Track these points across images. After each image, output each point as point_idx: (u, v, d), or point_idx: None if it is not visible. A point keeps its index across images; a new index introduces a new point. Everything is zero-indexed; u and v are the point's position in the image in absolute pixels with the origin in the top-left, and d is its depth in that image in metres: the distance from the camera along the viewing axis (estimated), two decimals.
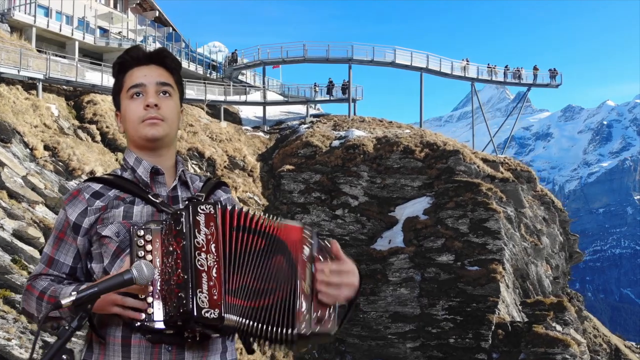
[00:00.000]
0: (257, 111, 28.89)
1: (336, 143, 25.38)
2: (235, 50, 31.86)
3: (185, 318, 1.34)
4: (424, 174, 23.52)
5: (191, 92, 25.11)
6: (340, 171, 24.52)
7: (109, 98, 20.40)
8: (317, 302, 1.42)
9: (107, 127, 19.50)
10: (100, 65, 21.64)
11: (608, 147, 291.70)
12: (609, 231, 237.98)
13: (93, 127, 19.32)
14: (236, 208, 1.48)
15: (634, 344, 38.87)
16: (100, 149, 19.05)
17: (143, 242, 1.43)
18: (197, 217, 1.40)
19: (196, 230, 1.39)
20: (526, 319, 17.87)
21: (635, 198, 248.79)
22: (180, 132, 21.58)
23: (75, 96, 20.77)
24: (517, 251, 22.62)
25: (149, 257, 1.42)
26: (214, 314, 1.34)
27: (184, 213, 1.41)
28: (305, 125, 27.37)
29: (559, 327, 16.91)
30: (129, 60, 1.64)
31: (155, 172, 1.61)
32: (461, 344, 19.90)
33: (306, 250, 1.44)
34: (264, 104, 27.73)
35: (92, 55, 25.58)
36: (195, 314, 1.33)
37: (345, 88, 27.90)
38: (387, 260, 21.96)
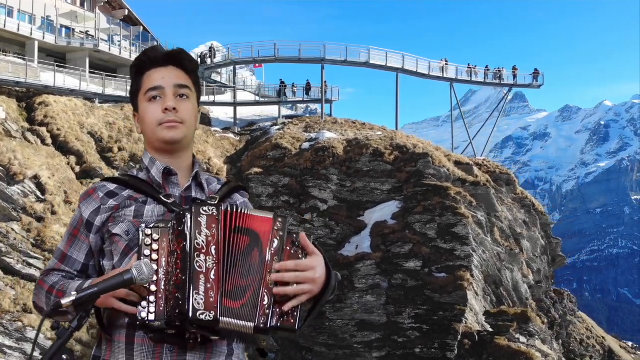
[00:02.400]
0: (230, 112, 28.17)
1: (306, 145, 24.67)
2: (212, 45, 31.08)
3: (181, 319, 1.34)
4: (394, 177, 22.82)
5: None
6: (310, 174, 23.82)
7: (63, 99, 19.62)
8: (280, 296, 1.41)
9: (58, 129, 18.80)
10: (53, 65, 20.89)
11: (605, 147, 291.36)
12: (606, 231, 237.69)
13: (43, 129, 18.62)
14: (243, 211, 1.46)
15: (631, 344, 38.40)
16: (49, 152, 18.35)
17: (150, 241, 1.43)
18: (199, 219, 1.40)
19: (197, 231, 1.39)
20: (490, 329, 17.17)
21: (633, 198, 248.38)
22: (138, 135, 20.89)
23: (29, 97, 20.07)
24: (488, 257, 21.91)
25: (155, 256, 1.42)
26: (209, 316, 1.34)
27: (186, 214, 1.41)
28: (277, 127, 26.66)
29: (523, 339, 16.21)
30: (146, 61, 1.63)
31: (168, 173, 1.62)
32: (427, 354, 19.21)
33: (275, 243, 1.43)
34: (234, 104, 26.97)
35: (56, 55, 24.90)
36: (190, 315, 1.33)
37: (308, 89, 27.11)
38: (353, 266, 21.27)
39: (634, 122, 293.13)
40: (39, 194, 16.63)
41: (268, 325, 1.38)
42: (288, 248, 1.44)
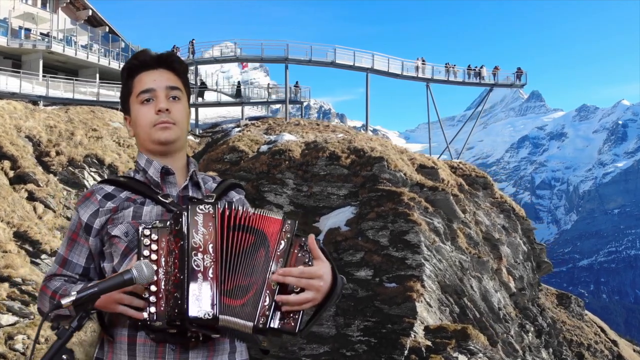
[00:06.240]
0: (193, 113, 27.45)
1: (264, 148, 23.84)
2: (192, 41, 30.33)
3: (180, 318, 1.33)
4: (350, 181, 21.88)
5: (110, 93, 23.81)
6: (265, 178, 22.98)
7: (0, 102, 18.94)
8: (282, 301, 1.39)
9: None
10: None
11: (623, 147, 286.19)
12: (624, 232, 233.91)
13: None
14: (240, 208, 1.46)
15: None
16: None
17: (149, 242, 1.42)
18: (196, 217, 1.40)
19: (194, 230, 1.38)
20: (432, 346, 16.20)
21: None
22: (79, 138, 20.25)
23: None
24: (446, 266, 20.82)
25: (154, 256, 1.41)
26: (208, 314, 1.33)
27: (183, 213, 1.41)
28: (238, 129, 25.90)
29: (462, 357, 15.21)
30: (137, 64, 1.64)
31: (165, 172, 1.62)
32: None
33: (282, 245, 1.43)
34: (196, 105, 26.24)
35: (13, 58, 24.46)
36: (189, 314, 1.32)
37: (238, 90, 26.28)
38: None
39: None
40: None
41: (267, 326, 1.36)
42: (295, 251, 1.43)
